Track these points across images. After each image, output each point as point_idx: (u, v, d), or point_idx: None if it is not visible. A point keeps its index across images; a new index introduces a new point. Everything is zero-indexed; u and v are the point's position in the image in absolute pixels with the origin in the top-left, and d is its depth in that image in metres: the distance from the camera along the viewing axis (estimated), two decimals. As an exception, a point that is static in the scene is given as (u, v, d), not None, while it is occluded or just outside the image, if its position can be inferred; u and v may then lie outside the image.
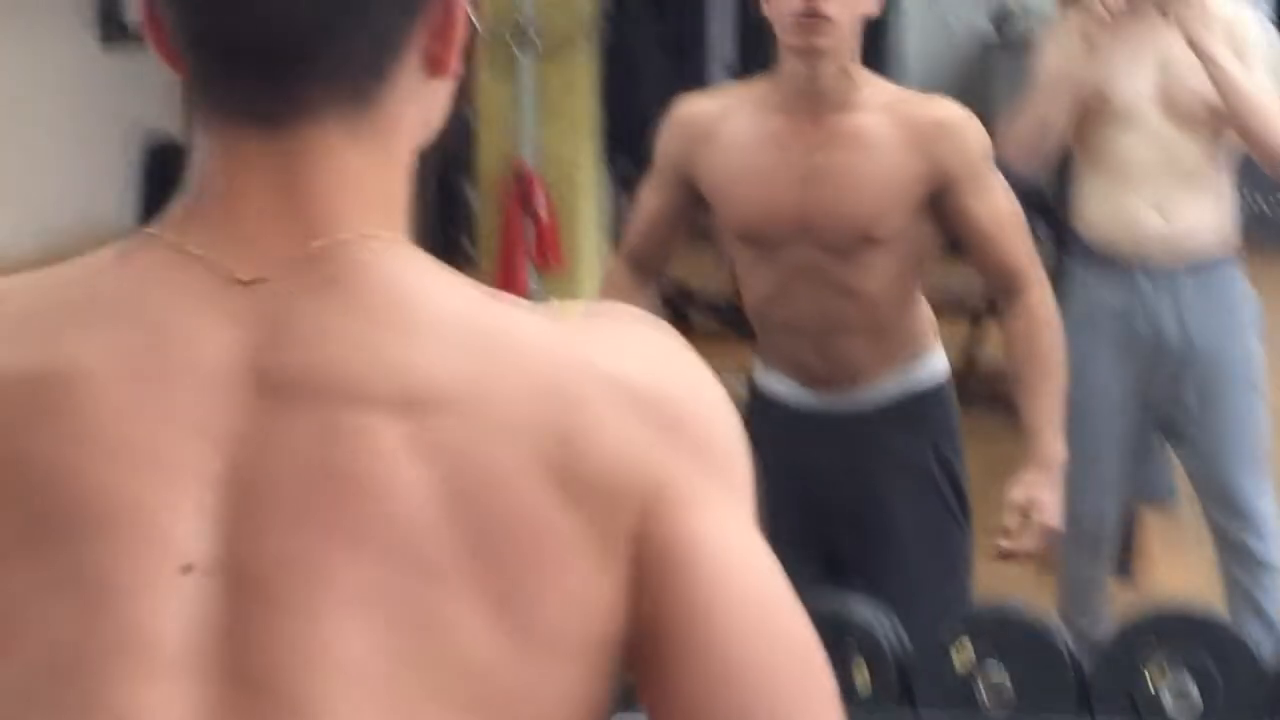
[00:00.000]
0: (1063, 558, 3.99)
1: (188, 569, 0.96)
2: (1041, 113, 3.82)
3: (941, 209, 3.01)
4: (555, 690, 0.98)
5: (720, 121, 3.09)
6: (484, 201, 5.05)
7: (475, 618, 0.96)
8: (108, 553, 0.96)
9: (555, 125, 4.98)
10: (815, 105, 2.99)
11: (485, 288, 1.04)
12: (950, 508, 3.13)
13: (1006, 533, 3.05)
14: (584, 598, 0.98)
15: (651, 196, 3.20)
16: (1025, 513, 3.05)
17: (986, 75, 11.60)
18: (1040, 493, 3.06)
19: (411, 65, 1.05)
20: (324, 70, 1.02)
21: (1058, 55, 3.84)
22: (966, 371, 7.58)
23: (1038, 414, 3.11)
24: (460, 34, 1.07)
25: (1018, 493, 3.06)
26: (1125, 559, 4.48)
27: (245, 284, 1.00)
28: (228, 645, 0.96)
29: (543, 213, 4.96)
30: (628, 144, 4.94)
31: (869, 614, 2.88)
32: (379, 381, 0.98)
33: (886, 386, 3.13)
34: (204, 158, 1.04)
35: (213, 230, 1.03)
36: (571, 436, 0.97)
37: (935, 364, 3.18)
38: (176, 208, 1.04)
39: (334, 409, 0.97)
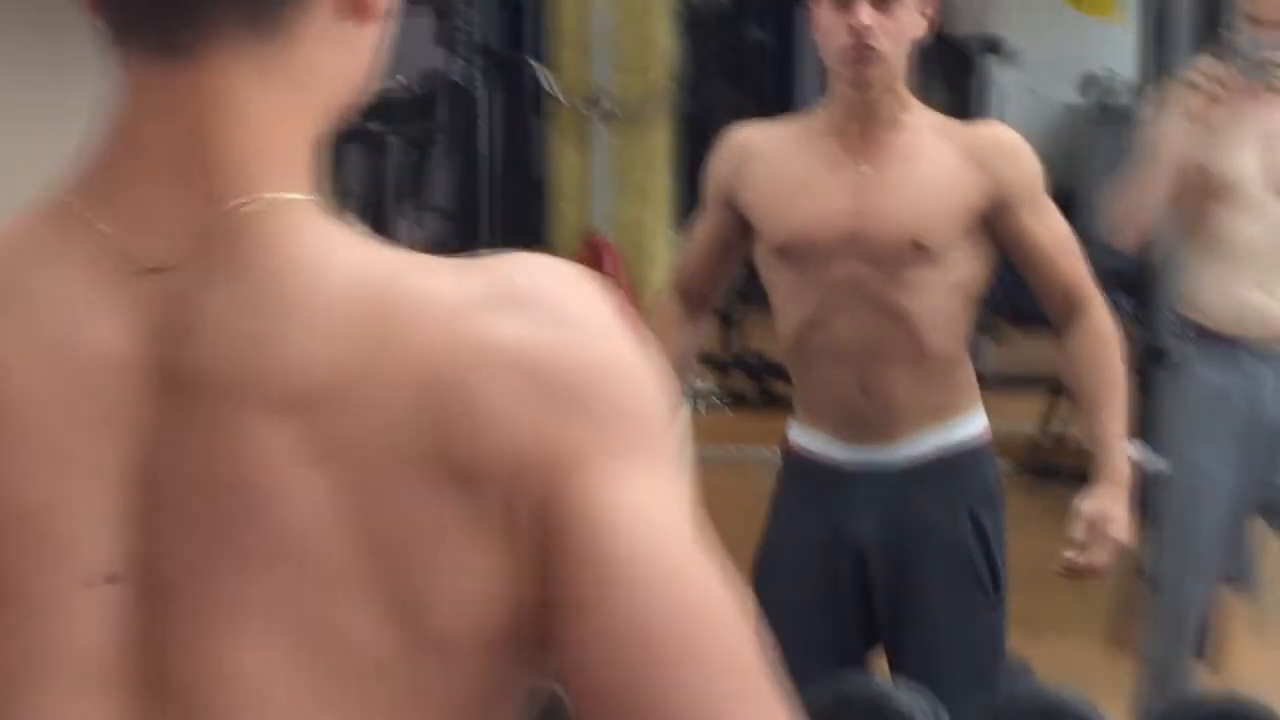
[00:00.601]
0: (1145, 639, 3.93)
1: (103, 577, 0.94)
2: (1146, 190, 3.73)
3: (999, 229, 2.99)
4: (463, 688, 0.95)
5: (768, 143, 3.11)
6: (556, 269, 5.03)
7: (375, 622, 0.94)
8: (21, 559, 0.95)
9: (628, 193, 4.96)
10: (865, 125, 2.99)
11: (394, 251, 0.97)
12: (982, 581, 3.04)
13: (1073, 545, 2.99)
14: (485, 592, 0.93)
15: (701, 225, 3.23)
16: (1094, 526, 2.99)
17: (1073, 142, 11.58)
18: (1111, 506, 3.00)
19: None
20: None
21: (1164, 132, 3.74)
22: (1043, 446, 7.52)
23: (1107, 429, 3.05)
24: None
25: (1088, 505, 2.99)
26: (1204, 642, 4.41)
27: (146, 270, 0.95)
28: (142, 655, 0.95)
29: (614, 280, 4.94)
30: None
31: (911, 702, 2.84)
32: (268, 379, 0.93)
33: (924, 441, 3.03)
34: (117, 96, 0.99)
35: (117, 195, 0.97)
36: (461, 425, 0.92)
37: (976, 423, 3.08)
38: (91, 157, 0.99)
39: (224, 409, 0.94)
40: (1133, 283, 6.81)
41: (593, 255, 4.96)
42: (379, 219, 6.79)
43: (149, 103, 0.98)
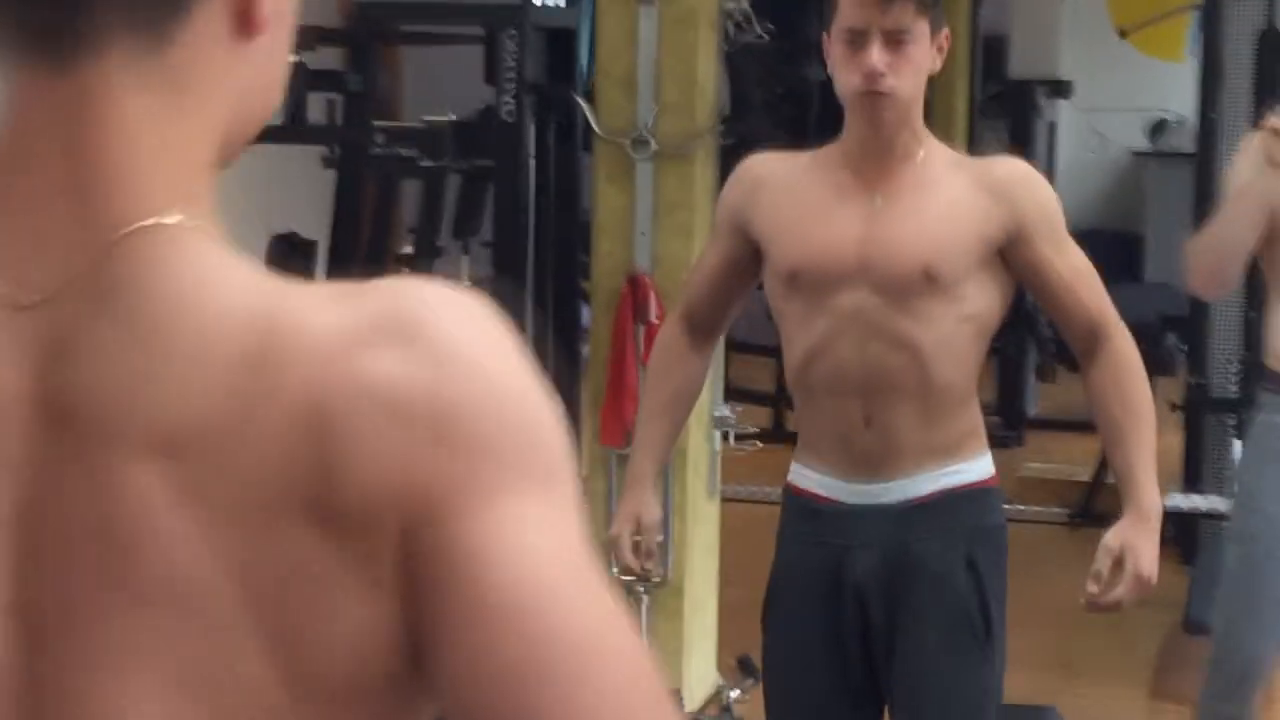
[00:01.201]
0: (1204, 693, 3.88)
1: None
2: (1227, 235, 3.66)
3: (1016, 260, 3.00)
4: None
5: (782, 172, 3.14)
6: (598, 307, 5.05)
7: (259, 668, 0.92)
8: None
9: (670, 230, 4.98)
10: (879, 158, 3.04)
11: (277, 282, 0.97)
12: (974, 629, 3.01)
13: (1097, 578, 3.00)
14: (368, 635, 0.93)
15: (709, 252, 3.25)
16: (1119, 561, 2.99)
17: (1139, 187, 11.53)
18: (1137, 540, 2.99)
19: (217, 7, 0.98)
20: None
21: (1244, 177, 3.69)
22: (1093, 490, 7.49)
23: (1134, 462, 3.04)
24: None
25: (1113, 539, 3.01)
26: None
27: (29, 307, 0.94)
28: (23, 701, 0.94)
29: (655, 319, 4.95)
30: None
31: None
32: (142, 419, 0.92)
33: (926, 481, 3.03)
34: (7, 109, 0.98)
35: (3, 219, 0.96)
36: (331, 466, 0.92)
37: (980, 466, 3.09)
38: None
39: (101, 449, 0.93)
40: (1184, 326, 6.78)
41: (635, 292, 4.98)
42: (432, 252, 6.83)
43: (33, 117, 0.97)
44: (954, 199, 3.00)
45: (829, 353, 3.03)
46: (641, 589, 5.08)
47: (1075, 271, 3.05)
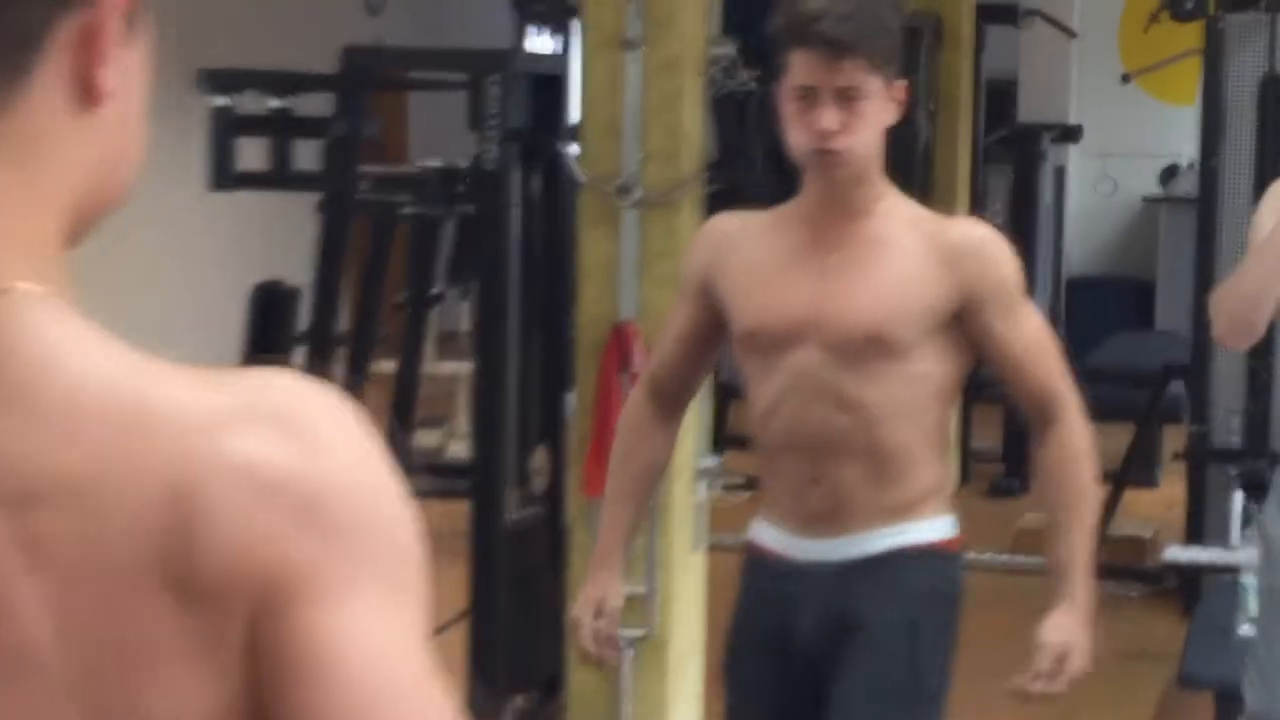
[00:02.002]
0: None
1: None
2: (1253, 284, 3.53)
3: (969, 331, 2.94)
4: None
5: (744, 232, 3.11)
6: (583, 356, 4.99)
7: None
8: None
9: (656, 279, 4.92)
10: (834, 215, 2.99)
11: (136, 355, 0.95)
12: (906, 693, 2.95)
13: (1037, 676, 2.98)
14: (199, 711, 0.92)
15: (675, 317, 3.19)
16: (1060, 659, 2.98)
17: (1149, 231, 11.47)
18: (1075, 636, 3.00)
19: (58, 75, 0.97)
20: None
21: (1270, 222, 3.57)
22: (1099, 541, 7.39)
23: (1071, 551, 3.03)
24: (113, 49, 0.98)
25: (1053, 637, 2.99)
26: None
27: None
28: None
29: (639, 369, 4.89)
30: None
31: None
32: (1, 472, 0.91)
33: (874, 540, 2.97)
34: None
35: None
36: (187, 536, 0.91)
37: (935, 527, 3.02)
38: None
39: None
40: (1188, 375, 6.71)
41: (620, 341, 4.92)
42: (425, 300, 6.78)
43: None
44: (906, 265, 2.94)
45: (780, 410, 2.99)
46: (625, 642, 5.01)
47: (1027, 346, 2.98)
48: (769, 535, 3.07)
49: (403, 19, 12.49)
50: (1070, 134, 10.33)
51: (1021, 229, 9.39)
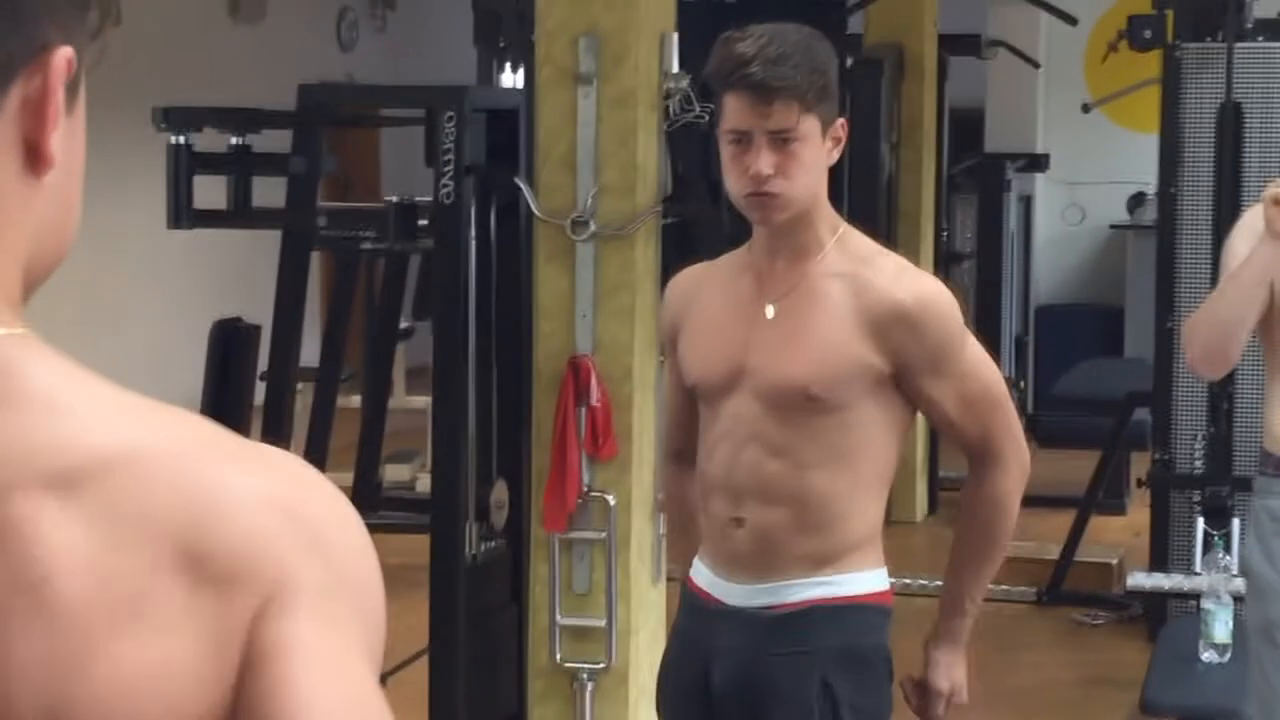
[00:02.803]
0: None
1: None
2: (1227, 312, 3.50)
3: (903, 390, 2.93)
4: None
5: (704, 283, 3.12)
6: (539, 390, 5.00)
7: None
8: None
9: (612, 312, 4.94)
10: (775, 261, 2.98)
11: (121, 391, 1.01)
12: None
13: (926, 715, 3.05)
14: (194, 691, 0.97)
15: (668, 381, 3.22)
16: (950, 698, 3.04)
17: (1117, 258, 11.51)
18: (961, 675, 3.05)
19: (8, 141, 1.01)
20: None
21: (1243, 249, 3.54)
22: (1064, 568, 7.41)
23: (968, 593, 3.04)
24: (58, 117, 1.02)
25: (940, 678, 3.03)
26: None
27: None
28: None
29: (596, 402, 4.91)
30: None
31: None
32: (33, 461, 0.97)
33: (794, 590, 2.94)
34: None
35: None
36: (204, 523, 0.97)
37: (861, 581, 2.97)
38: None
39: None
40: (1151, 401, 6.73)
41: (577, 375, 4.93)
42: (389, 335, 6.79)
43: None
44: (836, 327, 2.91)
45: (716, 454, 3.00)
46: (585, 675, 5.02)
47: (964, 402, 2.94)
48: (700, 573, 3.08)
49: (375, 55, 12.53)
50: (1037, 163, 10.38)
51: (988, 257, 9.43)
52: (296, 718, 0.96)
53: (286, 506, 1.00)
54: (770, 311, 2.96)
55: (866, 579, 2.97)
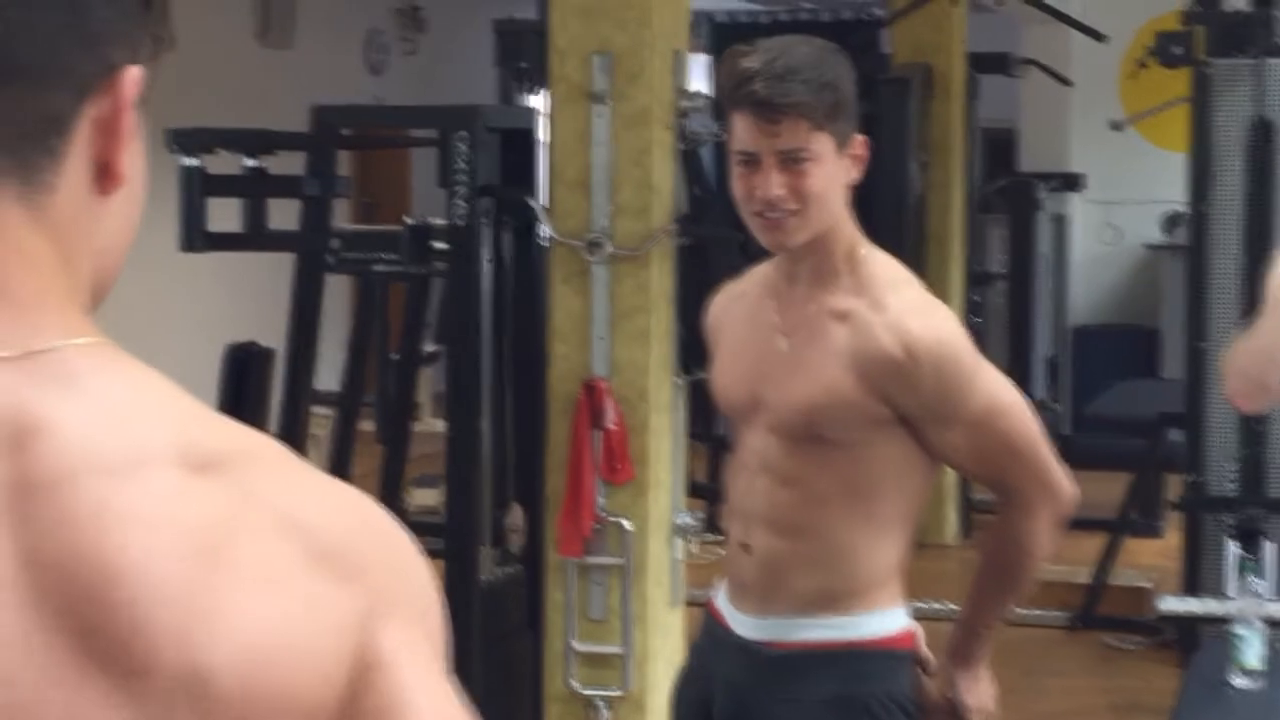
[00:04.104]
0: None
1: None
2: (1270, 342, 3.28)
3: (915, 435, 2.79)
4: None
5: (736, 301, 3.01)
6: (554, 413, 4.94)
7: None
8: None
9: (628, 335, 4.88)
10: (795, 286, 2.85)
11: (195, 407, 1.05)
12: None
13: None
14: (312, 670, 1.02)
15: None
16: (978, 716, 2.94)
17: (1153, 278, 11.40)
18: (985, 690, 2.95)
19: (81, 159, 1.05)
20: None
21: None
22: (1097, 592, 7.30)
23: (983, 621, 2.92)
24: (128, 136, 1.06)
25: (965, 694, 2.92)
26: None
27: None
28: None
29: (611, 425, 4.84)
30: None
31: None
32: (162, 445, 1.01)
33: (797, 628, 2.82)
34: None
35: None
36: (316, 523, 1.04)
37: (870, 624, 2.82)
38: None
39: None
40: (1184, 423, 6.64)
41: (592, 398, 4.87)
42: (413, 359, 6.75)
43: None
44: (838, 367, 2.76)
45: (736, 480, 2.91)
46: (601, 702, 4.95)
47: (976, 452, 2.77)
48: (719, 595, 3.01)
49: (405, 78, 12.51)
50: (1071, 182, 10.28)
51: (1019, 278, 9.34)
52: None
53: (370, 524, 1.06)
54: (784, 344, 2.83)
55: (876, 622, 2.82)
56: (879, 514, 2.79)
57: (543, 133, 5.13)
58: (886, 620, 2.84)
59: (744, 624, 2.87)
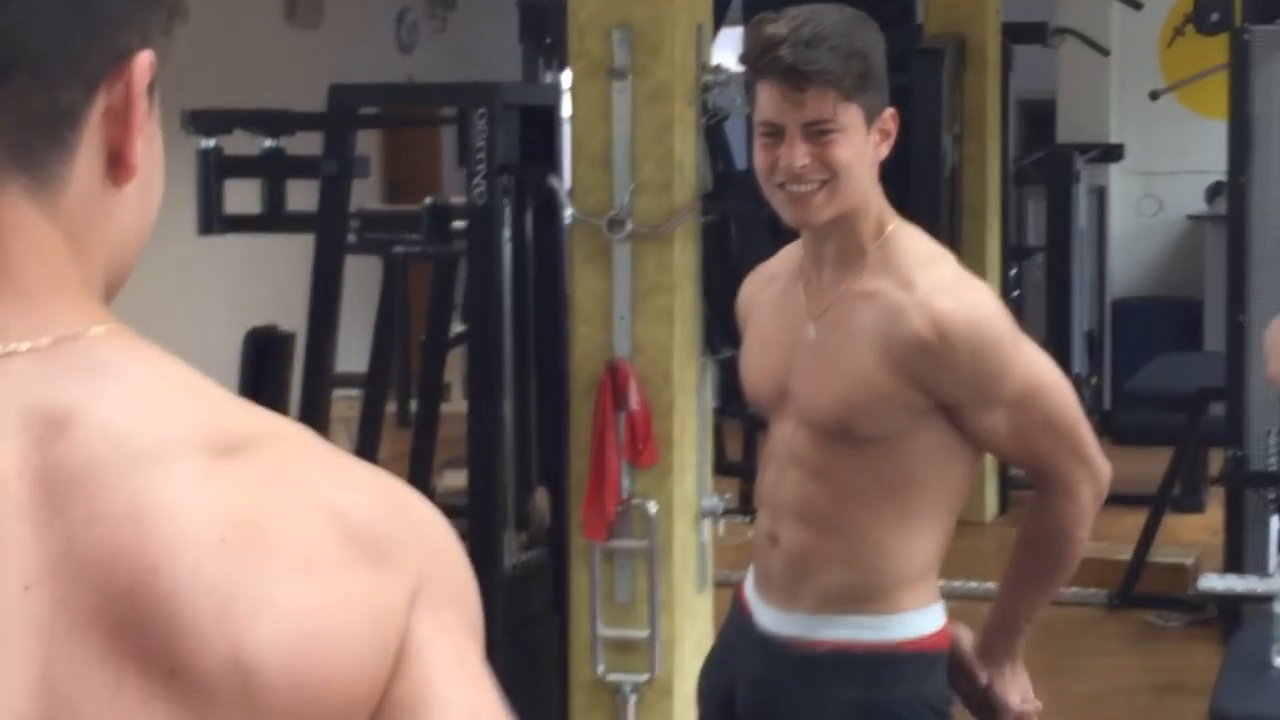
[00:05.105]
0: None
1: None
2: None
3: (953, 421, 2.66)
4: None
5: (764, 287, 2.90)
6: (577, 395, 4.86)
7: None
8: None
9: (650, 314, 4.79)
10: (822, 269, 2.73)
11: (217, 392, 1.03)
12: None
13: None
14: (354, 656, 1.01)
15: None
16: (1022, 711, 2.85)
17: (1195, 250, 11.25)
18: (1026, 684, 2.85)
19: (93, 150, 1.02)
20: None
21: None
22: (1136, 570, 7.19)
23: (1024, 613, 2.80)
24: (141, 125, 1.04)
25: (1009, 693, 2.82)
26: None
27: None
28: None
29: (635, 407, 4.75)
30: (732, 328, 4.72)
31: None
32: (183, 433, 0.99)
33: (822, 623, 2.72)
34: None
35: None
36: (350, 504, 1.02)
37: (897, 626, 2.71)
38: None
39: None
40: (1225, 397, 6.52)
41: (615, 379, 4.78)
42: (436, 340, 6.67)
43: None
44: (868, 354, 2.63)
45: (765, 470, 2.82)
46: (628, 688, 4.87)
47: (1016, 432, 2.64)
48: (748, 582, 2.91)
49: (436, 56, 12.43)
50: (1111, 153, 10.13)
51: (1057, 251, 9.21)
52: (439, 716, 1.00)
53: (404, 508, 1.04)
54: (811, 331, 2.71)
55: (907, 622, 2.71)
56: (914, 509, 2.67)
57: (566, 109, 5.03)
58: (918, 621, 2.72)
59: (769, 617, 2.77)
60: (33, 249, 1.01)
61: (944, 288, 2.64)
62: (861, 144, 2.63)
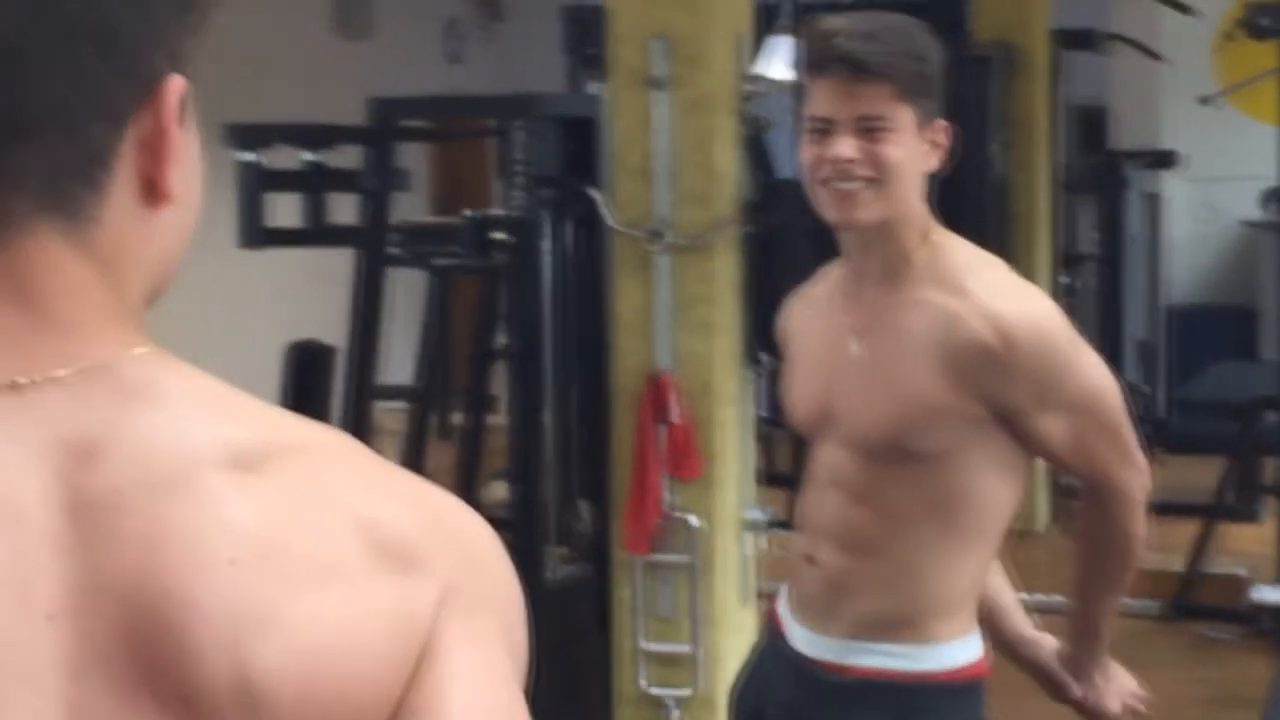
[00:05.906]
0: None
1: None
2: None
3: (1009, 428, 2.60)
4: None
5: (804, 309, 2.83)
6: (619, 408, 4.82)
7: None
8: None
9: (691, 326, 4.75)
10: (866, 283, 2.65)
11: (249, 405, 1.03)
12: None
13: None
14: (375, 666, 1.00)
15: None
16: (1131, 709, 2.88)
17: (1251, 256, 11.14)
18: (1127, 680, 2.88)
19: (126, 181, 1.02)
20: (28, 180, 0.99)
21: None
22: (1191, 582, 7.10)
23: (1102, 617, 2.77)
24: (174, 152, 1.03)
25: (1109, 699, 2.84)
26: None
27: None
28: None
29: (676, 420, 4.72)
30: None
31: None
32: (208, 448, 0.99)
33: (856, 649, 2.65)
34: None
35: None
36: (378, 513, 1.02)
37: (934, 656, 2.63)
38: None
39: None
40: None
41: (656, 392, 4.75)
42: (483, 353, 6.66)
43: None
44: (923, 365, 2.55)
45: (806, 493, 2.75)
46: (672, 702, 4.83)
47: (1073, 436, 2.58)
48: (781, 600, 2.86)
49: (485, 67, 12.42)
50: (1163, 159, 10.04)
51: (1109, 258, 9.12)
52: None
53: (438, 515, 1.03)
54: (855, 348, 2.64)
55: (941, 652, 2.64)
56: (960, 529, 2.61)
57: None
58: (952, 652, 2.65)
59: (802, 638, 2.72)
60: (65, 285, 1.00)
61: (1001, 292, 2.58)
62: (913, 148, 2.56)
